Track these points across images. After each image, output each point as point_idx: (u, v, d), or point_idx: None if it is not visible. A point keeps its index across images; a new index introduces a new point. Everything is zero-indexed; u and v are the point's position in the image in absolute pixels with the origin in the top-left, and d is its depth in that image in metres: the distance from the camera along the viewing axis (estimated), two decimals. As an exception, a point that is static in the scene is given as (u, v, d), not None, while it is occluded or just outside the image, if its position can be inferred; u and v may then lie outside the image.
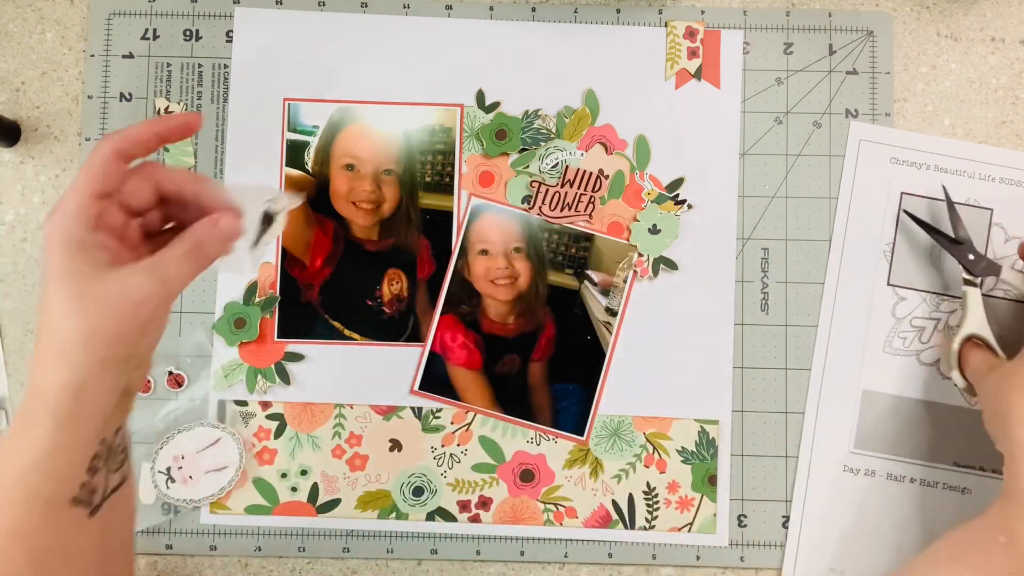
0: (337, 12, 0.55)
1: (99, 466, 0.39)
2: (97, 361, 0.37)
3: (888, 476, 0.53)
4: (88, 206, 0.37)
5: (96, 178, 0.37)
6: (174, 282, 0.38)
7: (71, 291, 0.36)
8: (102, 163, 0.38)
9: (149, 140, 0.39)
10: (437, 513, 0.53)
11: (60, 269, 0.36)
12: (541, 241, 0.54)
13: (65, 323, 0.36)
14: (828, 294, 0.54)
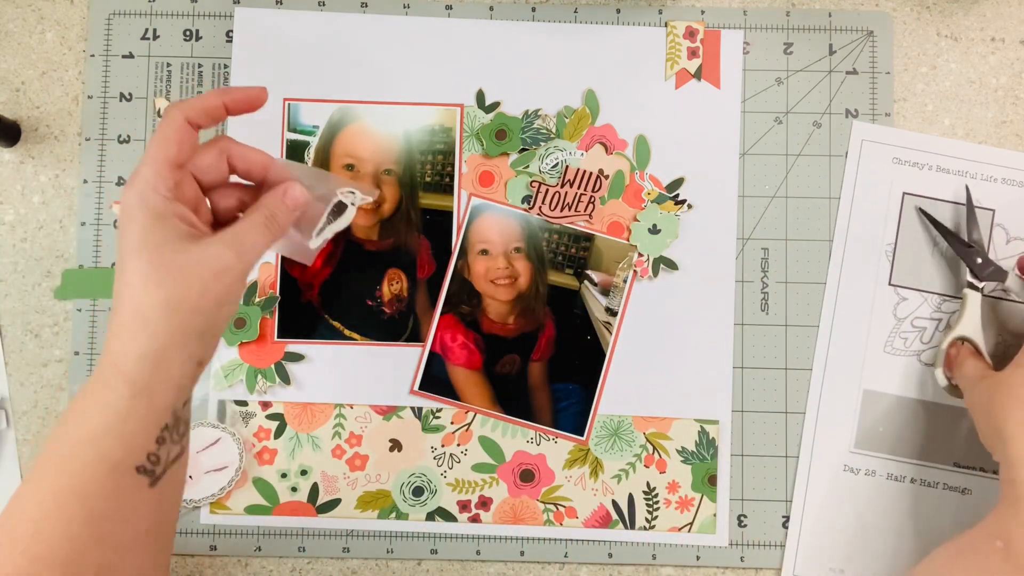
0: (337, 12, 0.55)
1: (166, 437, 0.39)
2: (179, 331, 0.37)
3: (888, 476, 0.53)
4: (166, 175, 0.37)
5: (170, 146, 0.38)
6: (251, 252, 0.39)
7: (152, 261, 0.36)
8: (175, 131, 0.38)
9: (217, 110, 0.40)
10: (437, 513, 0.53)
11: (140, 240, 0.36)
12: (541, 241, 0.54)
13: (148, 293, 0.36)
14: (829, 294, 0.54)
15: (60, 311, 0.54)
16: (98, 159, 0.54)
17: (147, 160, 0.38)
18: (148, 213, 0.37)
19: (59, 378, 0.54)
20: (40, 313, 0.54)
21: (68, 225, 0.54)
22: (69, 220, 0.54)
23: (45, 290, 0.54)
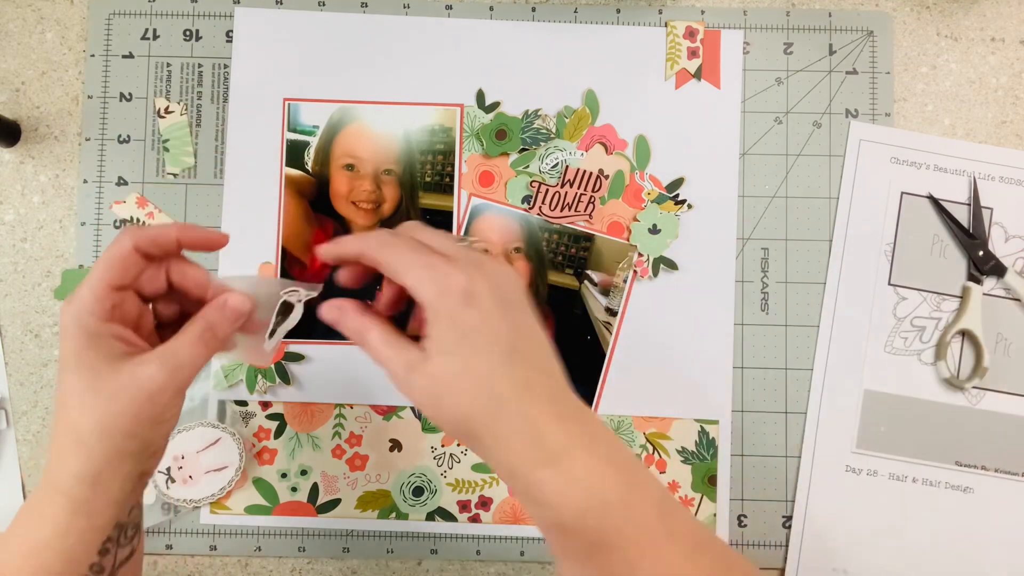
0: (337, 12, 0.55)
1: (110, 547, 0.40)
2: (114, 452, 0.37)
3: (890, 476, 0.53)
4: (104, 297, 0.38)
5: (114, 271, 0.38)
6: (187, 369, 0.38)
7: (87, 383, 0.37)
8: (121, 257, 0.38)
9: (169, 244, 0.40)
10: (437, 513, 0.53)
11: (75, 359, 0.37)
12: (541, 241, 0.54)
13: (82, 414, 0.37)
14: (829, 294, 0.54)
15: (60, 311, 0.54)
16: (98, 159, 0.54)
17: (88, 282, 0.38)
18: (83, 333, 0.37)
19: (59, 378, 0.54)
20: (40, 313, 0.54)
21: (68, 225, 0.54)
22: (69, 220, 0.54)
23: (45, 290, 0.54)
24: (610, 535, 0.34)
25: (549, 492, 0.34)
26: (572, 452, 0.35)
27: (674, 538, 0.35)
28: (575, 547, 0.35)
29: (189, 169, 0.54)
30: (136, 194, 0.54)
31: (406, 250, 0.37)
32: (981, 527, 0.53)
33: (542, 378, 0.36)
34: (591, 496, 0.34)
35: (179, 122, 0.55)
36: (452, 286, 0.35)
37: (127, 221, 0.54)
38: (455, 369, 0.35)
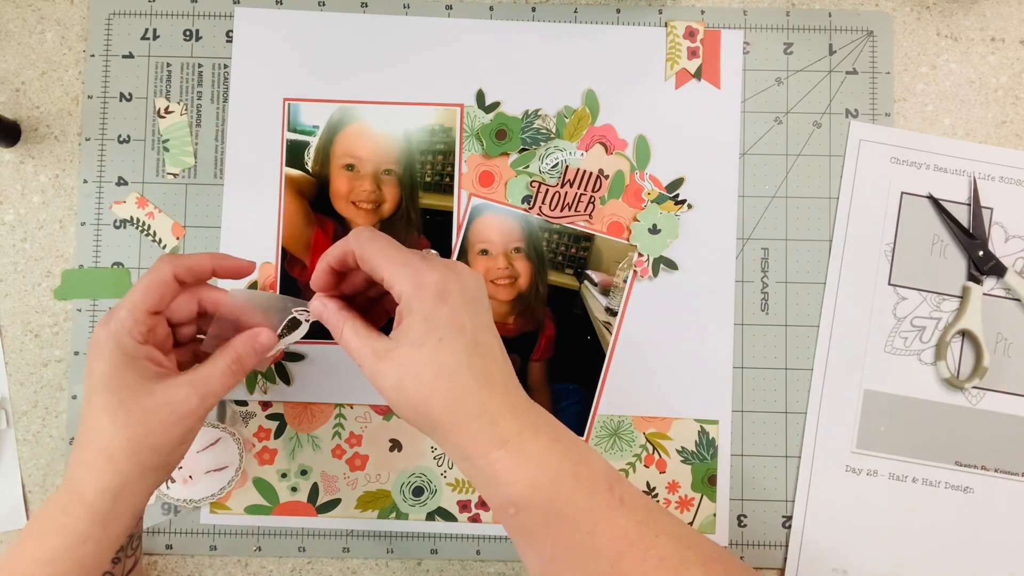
0: (337, 12, 0.55)
1: (121, 557, 0.43)
2: (140, 468, 0.40)
3: (890, 476, 0.53)
4: (142, 321, 0.41)
5: (153, 297, 0.41)
6: (216, 395, 0.42)
7: (120, 401, 0.40)
8: (160, 284, 0.42)
9: (204, 273, 0.44)
10: (437, 513, 0.53)
11: (110, 378, 0.40)
12: (541, 241, 0.54)
13: (115, 432, 0.39)
14: (829, 294, 0.54)
15: (60, 311, 0.54)
16: (98, 159, 0.54)
17: (128, 304, 0.41)
18: (121, 354, 0.40)
19: (59, 378, 0.54)
20: (40, 313, 0.54)
21: (68, 225, 0.54)
22: (69, 220, 0.54)
23: (45, 290, 0.54)
24: (564, 506, 0.37)
25: (503, 469, 0.37)
26: (523, 434, 0.37)
27: (625, 506, 0.37)
28: (532, 523, 0.37)
29: (189, 169, 0.54)
30: (136, 194, 0.54)
31: (387, 247, 0.40)
32: (981, 527, 0.53)
33: (497, 372, 0.39)
34: (543, 470, 0.37)
35: (179, 122, 0.55)
36: (428, 283, 0.38)
37: (127, 221, 0.54)
38: (422, 359, 0.38)
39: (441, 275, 0.39)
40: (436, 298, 0.38)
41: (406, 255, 0.40)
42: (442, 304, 0.38)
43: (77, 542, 0.40)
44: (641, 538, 0.37)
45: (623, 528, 0.37)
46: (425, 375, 0.38)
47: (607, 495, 0.37)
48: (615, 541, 0.36)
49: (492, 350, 0.40)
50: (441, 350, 0.38)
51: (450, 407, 0.38)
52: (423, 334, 0.38)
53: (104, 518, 0.40)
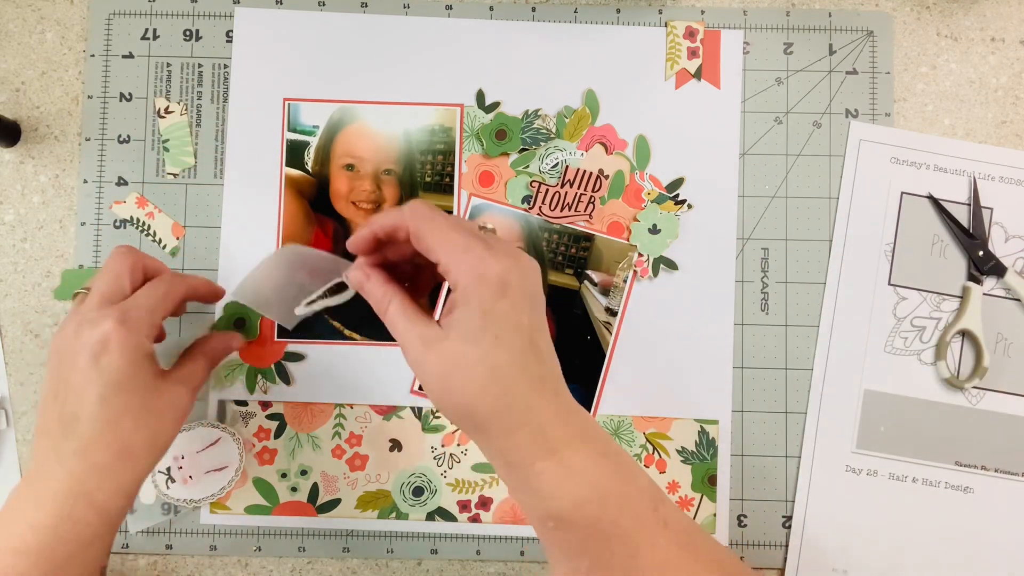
0: (337, 12, 0.55)
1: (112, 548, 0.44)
2: (150, 466, 0.42)
3: (890, 476, 0.53)
4: (158, 325, 0.44)
5: (169, 307, 0.44)
6: (199, 389, 0.47)
7: (140, 401, 0.41)
8: (174, 300, 0.45)
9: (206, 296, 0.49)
10: (437, 513, 0.53)
11: (129, 379, 0.41)
12: (541, 241, 0.54)
13: (135, 431, 0.41)
14: (829, 294, 0.54)
15: (60, 311, 0.54)
16: (98, 159, 0.54)
17: (146, 308, 0.43)
18: (140, 354, 0.41)
19: (59, 378, 0.54)
20: (40, 313, 0.54)
21: (68, 225, 0.54)
22: (69, 220, 0.54)
23: (45, 290, 0.54)
24: (607, 526, 0.35)
25: (548, 482, 0.35)
26: (571, 444, 0.35)
27: (669, 529, 0.36)
28: (571, 539, 0.36)
29: (189, 169, 0.54)
30: (136, 194, 0.54)
31: (447, 228, 0.36)
32: (981, 527, 0.53)
33: (549, 375, 0.37)
34: (589, 487, 0.35)
35: (179, 122, 0.55)
36: (489, 274, 0.35)
37: (127, 221, 0.54)
38: (475, 356, 0.35)
39: (504, 267, 0.35)
40: (497, 292, 0.35)
41: (467, 239, 0.36)
42: (502, 299, 0.35)
43: (82, 546, 0.40)
44: (683, 564, 0.35)
45: (665, 552, 0.35)
46: (477, 374, 0.35)
47: (651, 516, 0.36)
48: (656, 567, 0.35)
49: (547, 352, 0.37)
50: (497, 349, 0.35)
51: (499, 411, 0.35)
52: (479, 329, 0.35)
53: (114, 518, 0.41)
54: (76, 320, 0.42)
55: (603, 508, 0.35)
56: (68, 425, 0.40)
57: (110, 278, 0.44)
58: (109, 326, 0.41)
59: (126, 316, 0.41)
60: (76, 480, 0.39)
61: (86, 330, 0.41)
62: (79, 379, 0.40)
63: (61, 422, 0.40)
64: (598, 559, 0.35)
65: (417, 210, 0.38)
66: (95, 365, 0.40)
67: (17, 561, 0.38)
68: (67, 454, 0.40)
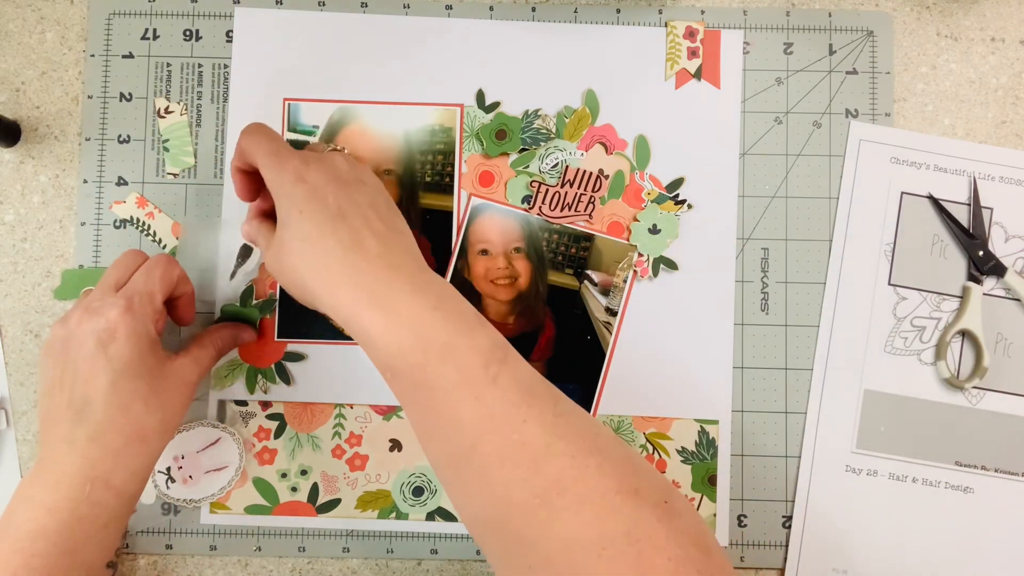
0: (337, 12, 0.55)
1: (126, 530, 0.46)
2: (162, 447, 0.44)
3: (890, 476, 0.53)
4: (161, 310, 0.45)
5: (167, 288, 0.45)
6: (206, 373, 0.48)
7: (150, 386, 0.42)
8: (170, 280, 0.46)
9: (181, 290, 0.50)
10: (437, 513, 0.53)
11: (137, 364, 0.42)
12: (541, 241, 0.54)
13: (148, 415, 0.42)
14: (829, 294, 0.54)
15: (60, 311, 0.54)
16: (98, 159, 0.54)
17: (148, 295, 0.44)
18: (147, 340, 0.43)
19: (59, 378, 0.54)
20: (40, 313, 0.54)
21: (68, 225, 0.54)
22: (69, 220, 0.54)
23: (45, 290, 0.54)
24: (431, 376, 0.36)
25: (375, 331, 0.37)
26: (397, 296, 0.37)
27: (499, 387, 0.36)
28: (402, 389, 0.38)
29: (189, 169, 0.54)
30: (136, 194, 0.54)
31: (264, 140, 0.43)
32: (981, 527, 0.53)
33: (372, 238, 0.40)
34: (414, 336, 0.36)
35: (179, 122, 0.55)
36: (288, 168, 0.41)
37: (127, 221, 0.54)
38: (288, 234, 0.40)
39: (302, 159, 0.41)
40: (294, 179, 0.40)
41: (276, 146, 0.42)
42: (300, 183, 0.40)
43: (99, 527, 0.41)
44: (507, 421, 0.35)
45: (489, 408, 0.35)
46: (294, 249, 0.40)
47: (481, 372, 0.36)
48: (479, 421, 0.35)
49: (365, 219, 0.40)
50: (303, 222, 0.39)
51: (319, 272, 0.39)
52: (287, 214, 0.40)
53: (129, 499, 0.42)
54: (81, 309, 0.43)
55: (426, 357, 0.36)
56: (80, 412, 0.41)
57: (120, 270, 0.45)
58: (115, 314, 0.42)
59: (131, 304, 0.42)
60: (91, 464, 0.40)
61: (92, 318, 0.42)
62: (88, 367, 0.41)
63: (72, 408, 0.41)
64: (426, 410, 0.37)
65: (245, 131, 0.44)
66: (103, 353, 0.41)
67: (35, 542, 0.39)
68: (80, 439, 0.41)
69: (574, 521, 0.33)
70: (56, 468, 0.41)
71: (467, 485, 0.36)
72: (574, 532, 0.33)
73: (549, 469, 0.34)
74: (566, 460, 0.34)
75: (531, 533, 0.34)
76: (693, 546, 0.33)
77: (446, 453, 0.37)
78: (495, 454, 0.35)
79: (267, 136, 0.43)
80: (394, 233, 0.41)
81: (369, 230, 0.40)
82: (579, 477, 0.34)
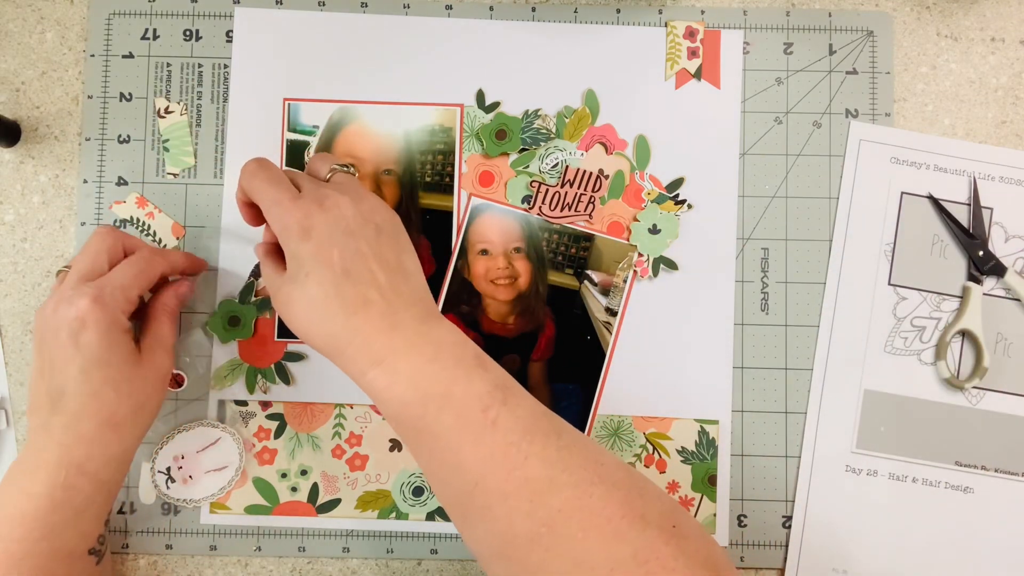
0: (337, 12, 0.55)
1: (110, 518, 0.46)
2: (139, 432, 0.45)
3: (890, 476, 0.53)
4: (134, 300, 0.45)
5: (144, 282, 0.46)
6: (173, 347, 0.48)
7: (122, 374, 0.43)
8: (150, 277, 0.46)
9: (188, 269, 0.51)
10: (437, 513, 0.53)
11: (108, 353, 0.42)
12: (541, 241, 0.54)
13: (119, 402, 0.43)
14: (829, 294, 0.54)
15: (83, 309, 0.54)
16: (98, 159, 0.54)
17: (120, 285, 0.44)
18: (117, 330, 0.43)
19: (59, 378, 0.54)
20: (40, 313, 0.54)
21: (68, 225, 0.54)
22: (69, 220, 0.54)
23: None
24: (432, 424, 0.38)
25: (379, 388, 0.39)
26: (397, 354, 0.39)
27: (498, 428, 0.37)
28: (407, 435, 0.40)
29: (189, 169, 0.54)
30: (136, 194, 0.54)
31: (265, 184, 0.42)
32: (981, 527, 0.53)
33: (376, 295, 0.40)
34: (413, 390, 0.38)
35: (179, 122, 0.55)
36: (290, 223, 0.40)
37: (127, 221, 0.54)
38: (297, 294, 0.40)
39: (304, 213, 0.40)
40: (299, 237, 0.40)
41: (277, 193, 0.41)
42: (304, 242, 0.40)
43: (76, 513, 0.42)
44: (508, 460, 0.36)
45: (489, 449, 0.37)
46: (302, 309, 0.40)
47: (479, 416, 0.37)
48: (480, 463, 0.37)
49: (370, 276, 0.40)
50: (309, 285, 0.40)
51: (325, 336, 0.40)
52: (294, 272, 0.40)
53: (108, 486, 0.43)
54: (55, 298, 0.43)
55: (425, 408, 0.38)
56: (55, 400, 0.42)
57: (89, 257, 0.46)
58: (84, 304, 0.42)
59: (101, 294, 0.43)
60: (65, 450, 0.41)
61: (63, 308, 0.42)
62: (61, 355, 0.42)
63: (49, 397, 0.42)
64: (428, 454, 0.39)
65: (245, 170, 0.43)
66: (74, 342, 0.42)
67: (14, 527, 0.40)
68: (56, 427, 0.42)
69: (580, 546, 0.35)
70: (36, 455, 0.42)
71: (473, 521, 0.38)
72: (581, 556, 0.34)
73: (553, 500, 0.36)
74: (569, 491, 0.36)
75: (537, 559, 0.35)
76: (703, 567, 0.34)
77: (451, 494, 0.39)
78: (497, 491, 0.36)
79: (268, 181, 0.42)
80: (400, 280, 0.41)
81: (374, 287, 0.40)
82: (583, 506, 0.35)
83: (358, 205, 0.42)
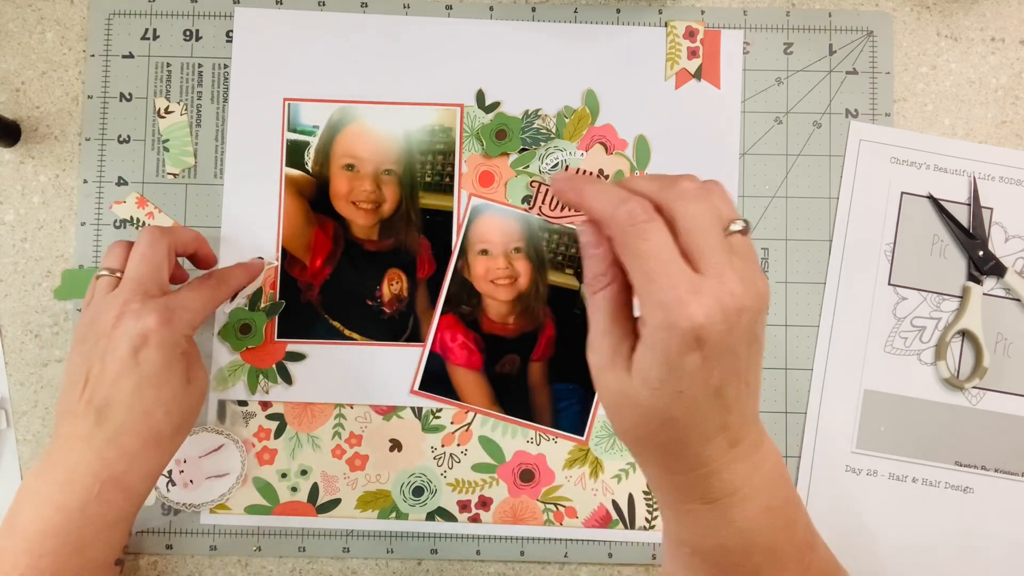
0: (337, 12, 0.55)
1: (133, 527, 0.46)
2: (177, 447, 0.45)
3: (890, 476, 0.53)
4: (199, 325, 0.46)
5: (211, 310, 0.47)
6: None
7: (174, 393, 0.43)
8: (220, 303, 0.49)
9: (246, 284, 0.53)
10: (437, 513, 0.53)
11: (165, 372, 0.42)
12: (541, 241, 0.54)
13: (167, 420, 0.43)
14: (829, 294, 0.54)
15: (60, 311, 0.54)
16: (98, 159, 0.54)
17: (191, 310, 0.45)
18: (178, 351, 0.43)
19: (59, 378, 0.54)
20: (40, 313, 0.54)
21: (68, 225, 0.54)
22: (69, 220, 0.54)
23: (45, 290, 0.54)
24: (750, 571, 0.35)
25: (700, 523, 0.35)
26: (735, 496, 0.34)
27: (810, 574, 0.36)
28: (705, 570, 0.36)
29: (189, 169, 0.54)
30: (136, 194, 0.54)
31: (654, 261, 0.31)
32: (981, 527, 0.53)
33: (735, 422, 0.33)
34: (740, 536, 0.34)
35: (179, 122, 0.55)
36: (682, 323, 0.30)
37: (127, 221, 0.54)
38: (650, 403, 0.32)
39: (705, 314, 0.30)
40: (686, 345, 0.30)
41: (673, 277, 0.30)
42: (692, 352, 0.30)
43: (107, 525, 0.41)
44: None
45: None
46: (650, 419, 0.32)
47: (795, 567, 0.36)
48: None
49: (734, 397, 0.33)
50: (677, 404, 0.31)
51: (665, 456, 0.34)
52: (659, 380, 0.31)
53: (140, 498, 0.43)
54: (117, 308, 0.43)
55: (748, 557, 0.35)
56: (101, 411, 0.41)
57: (147, 268, 0.44)
58: (152, 323, 0.42)
59: (171, 316, 0.43)
60: (106, 465, 0.41)
61: (128, 321, 0.42)
62: (115, 368, 0.41)
63: (93, 407, 0.41)
64: None
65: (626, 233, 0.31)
66: (134, 357, 0.41)
67: (44, 542, 0.39)
68: (98, 439, 0.41)
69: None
70: (69, 465, 0.41)
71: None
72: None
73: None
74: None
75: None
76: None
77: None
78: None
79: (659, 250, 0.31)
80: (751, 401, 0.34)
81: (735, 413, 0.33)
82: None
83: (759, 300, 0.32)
